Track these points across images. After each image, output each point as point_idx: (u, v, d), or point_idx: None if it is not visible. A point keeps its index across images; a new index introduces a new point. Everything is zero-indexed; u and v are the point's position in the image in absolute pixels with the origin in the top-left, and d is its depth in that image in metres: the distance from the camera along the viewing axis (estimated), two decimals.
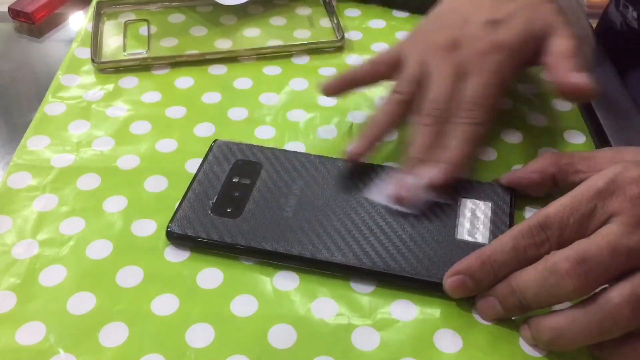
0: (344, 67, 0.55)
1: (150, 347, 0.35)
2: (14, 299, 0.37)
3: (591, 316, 0.32)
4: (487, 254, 0.35)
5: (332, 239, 0.39)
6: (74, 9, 0.63)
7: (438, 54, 0.44)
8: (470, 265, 0.36)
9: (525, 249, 0.34)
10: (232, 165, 0.44)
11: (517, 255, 0.34)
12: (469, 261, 0.36)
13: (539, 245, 0.34)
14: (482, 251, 0.36)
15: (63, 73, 0.53)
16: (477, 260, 0.35)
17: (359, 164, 0.43)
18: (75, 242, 0.40)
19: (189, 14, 0.61)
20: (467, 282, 0.36)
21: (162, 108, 0.50)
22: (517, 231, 0.35)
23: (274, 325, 0.36)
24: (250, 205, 0.41)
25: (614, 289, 0.31)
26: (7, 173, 0.45)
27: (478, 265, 0.35)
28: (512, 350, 0.35)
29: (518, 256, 0.34)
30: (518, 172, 0.42)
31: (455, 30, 0.45)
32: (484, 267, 0.35)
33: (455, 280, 0.36)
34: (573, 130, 0.48)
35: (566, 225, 0.33)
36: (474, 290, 0.36)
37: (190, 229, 0.39)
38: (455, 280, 0.36)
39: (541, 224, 0.34)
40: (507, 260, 0.35)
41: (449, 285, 0.36)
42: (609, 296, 0.31)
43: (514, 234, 0.35)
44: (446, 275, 0.36)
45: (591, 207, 0.33)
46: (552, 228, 0.34)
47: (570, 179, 0.40)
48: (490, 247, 0.36)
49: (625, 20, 0.60)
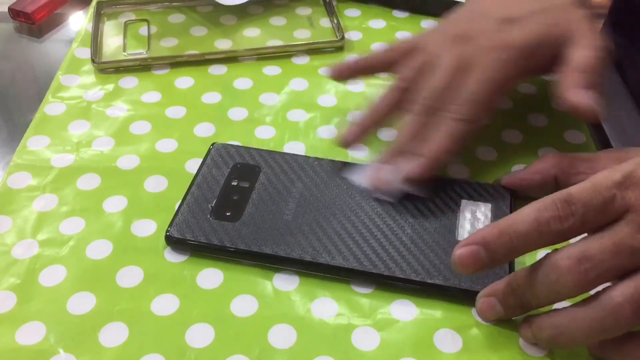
0: None
1: (150, 347, 0.35)
2: (14, 299, 0.37)
3: (592, 314, 0.31)
4: (506, 224, 0.32)
5: (332, 242, 0.39)
6: (74, 9, 0.63)
7: (446, 46, 0.43)
8: (486, 234, 0.33)
9: (549, 221, 0.32)
10: (231, 168, 0.44)
11: (539, 227, 0.32)
12: (484, 231, 0.33)
13: (564, 219, 0.31)
14: (499, 221, 0.33)
15: (63, 73, 0.53)
16: (493, 229, 0.33)
17: (359, 165, 0.43)
18: (75, 242, 0.40)
19: (189, 14, 0.61)
20: (480, 253, 0.32)
21: (162, 108, 0.50)
22: (540, 203, 0.32)
23: (274, 325, 0.36)
24: (250, 209, 0.41)
25: (616, 288, 0.31)
26: (7, 173, 0.45)
27: (495, 234, 0.32)
28: (512, 350, 0.35)
29: (540, 229, 0.32)
30: (519, 174, 0.42)
31: (469, 24, 0.44)
32: (502, 237, 0.32)
33: (467, 250, 0.33)
34: (573, 130, 0.48)
35: (590, 206, 0.31)
36: (487, 263, 0.33)
37: (189, 233, 0.39)
38: (466, 250, 0.33)
39: (566, 199, 0.32)
40: (527, 232, 0.32)
41: (458, 257, 0.33)
42: (610, 295, 0.31)
43: (536, 206, 0.32)
44: (456, 247, 0.33)
45: (612, 195, 0.31)
46: (577, 205, 0.31)
47: (572, 180, 0.39)
48: (509, 217, 0.33)
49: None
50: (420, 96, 0.42)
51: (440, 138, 0.40)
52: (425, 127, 0.41)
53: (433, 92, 0.42)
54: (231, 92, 0.52)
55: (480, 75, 0.42)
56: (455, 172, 0.45)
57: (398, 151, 0.41)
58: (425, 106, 0.41)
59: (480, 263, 0.33)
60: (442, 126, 0.41)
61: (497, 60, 0.42)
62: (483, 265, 0.33)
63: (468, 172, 0.45)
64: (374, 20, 0.60)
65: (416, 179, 0.40)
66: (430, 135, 0.41)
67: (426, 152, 0.40)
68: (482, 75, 0.42)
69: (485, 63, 0.42)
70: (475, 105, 0.41)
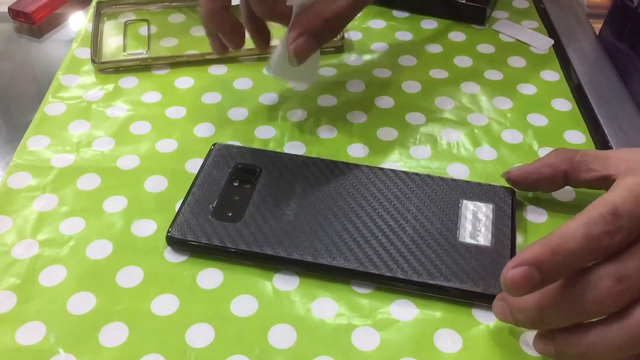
0: (344, 67, 0.55)
1: (150, 347, 0.35)
2: (14, 299, 0.37)
3: (626, 331, 0.30)
4: (557, 242, 0.30)
5: (333, 242, 0.39)
6: (74, 9, 0.63)
7: None
8: (538, 254, 0.30)
9: (600, 237, 0.30)
10: (232, 169, 0.44)
11: (590, 244, 0.30)
12: (535, 250, 0.31)
13: (613, 234, 0.30)
14: (548, 238, 0.31)
15: (63, 73, 0.53)
16: (545, 249, 0.30)
17: (359, 166, 0.43)
18: (75, 242, 0.40)
19: (189, 14, 0.61)
20: (533, 275, 0.30)
21: (162, 108, 0.50)
22: (588, 217, 0.31)
23: (274, 325, 0.36)
24: (251, 209, 0.41)
25: None
26: (7, 173, 0.45)
27: (548, 254, 0.30)
28: (512, 350, 0.35)
29: (591, 245, 0.30)
30: (527, 167, 0.41)
31: None
32: (555, 256, 0.30)
33: (519, 272, 0.30)
34: (573, 130, 0.48)
35: (636, 217, 0.30)
36: (538, 285, 0.31)
37: (190, 234, 0.39)
38: (519, 272, 0.30)
39: (614, 212, 0.30)
40: (580, 250, 0.30)
41: (511, 280, 0.31)
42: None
43: (584, 220, 0.31)
44: (506, 268, 0.31)
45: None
46: (625, 217, 0.30)
47: (582, 177, 0.39)
48: (558, 234, 0.31)
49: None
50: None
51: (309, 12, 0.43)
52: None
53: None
54: (231, 92, 0.52)
55: None
56: (456, 172, 0.45)
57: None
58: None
59: (533, 285, 0.31)
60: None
61: None
62: (535, 287, 0.31)
63: (468, 172, 0.45)
64: (373, 20, 0.60)
65: (302, 55, 0.43)
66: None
67: (302, 26, 0.43)
68: None
69: None
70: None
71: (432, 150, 0.47)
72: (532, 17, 0.61)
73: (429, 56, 0.56)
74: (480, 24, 0.59)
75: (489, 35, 0.58)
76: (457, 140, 0.48)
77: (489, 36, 0.58)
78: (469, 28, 0.59)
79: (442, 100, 0.51)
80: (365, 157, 0.46)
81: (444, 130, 0.48)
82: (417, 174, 0.43)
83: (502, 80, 0.53)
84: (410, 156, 0.46)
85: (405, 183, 0.43)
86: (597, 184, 0.38)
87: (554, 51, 0.56)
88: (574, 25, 0.61)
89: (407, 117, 0.50)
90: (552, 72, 0.54)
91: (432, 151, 0.47)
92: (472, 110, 0.50)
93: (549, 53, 0.56)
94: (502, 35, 0.58)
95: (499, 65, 0.55)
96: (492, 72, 0.54)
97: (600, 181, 0.38)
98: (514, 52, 0.56)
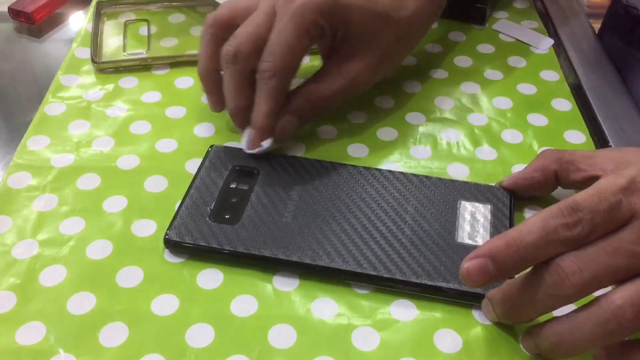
0: None
1: (150, 347, 0.35)
2: (14, 299, 0.37)
3: (594, 319, 0.31)
4: (512, 235, 0.32)
5: (332, 244, 0.39)
6: (74, 9, 0.63)
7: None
8: (493, 246, 0.32)
9: (557, 229, 0.31)
10: (230, 170, 0.43)
11: (547, 236, 0.31)
12: (491, 243, 0.32)
13: (571, 225, 0.31)
14: (505, 232, 0.32)
15: (63, 73, 0.53)
16: (500, 241, 0.32)
17: (356, 167, 0.43)
18: (75, 242, 0.40)
19: (189, 14, 0.61)
20: (488, 266, 0.32)
21: (162, 108, 0.50)
22: (546, 212, 0.32)
23: (274, 325, 0.36)
24: (249, 211, 0.41)
25: (617, 292, 0.31)
26: (7, 173, 0.45)
27: (502, 246, 0.32)
28: (512, 350, 0.35)
29: (548, 237, 0.31)
30: (519, 174, 0.42)
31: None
32: (509, 248, 0.32)
33: (474, 264, 0.32)
34: (573, 130, 0.48)
35: (597, 212, 0.31)
36: (495, 276, 0.32)
37: (188, 236, 0.39)
38: (474, 264, 0.32)
39: (572, 206, 0.31)
40: (535, 241, 0.31)
41: (466, 271, 0.32)
42: (611, 298, 0.31)
43: (542, 215, 0.32)
44: (464, 261, 0.33)
45: (618, 200, 0.31)
46: (584, 211, 0.31)
47: (572, 177, 0.39)
48: (516, 228, 0.32)
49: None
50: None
51: (258, 103, 0.43)
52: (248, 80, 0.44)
53: (237, 39, 0.43)
54: None
55: (279, 23, 0.42)
56: (456, 172, 0.45)
57: (236, 117, 0.45)
58: (232, 56, 0.43)
59: (488, 276, 0.32)
60: (258, 90, 0.43)
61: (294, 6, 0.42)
62: (491, 278, 0.32)
63: (468, 172, 0.45)
64: None
65: (260, 150, 0.44)
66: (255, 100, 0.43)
67: (253, 124, 0.44)
68: (280, 24, 0.42)
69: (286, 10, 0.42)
70: (279, 57, 0.42)
71: (432, 150, 0.47)
72: (532, 17, 0.61)
73: (429, 56, 0.56)
74: (480, 24, 0.59)
75: (489, 35, 0.58)
76: (457, 140, 0.48)
77: (489, 36, 0.58)
78: (469, 28, 0.59)
79: (442, 100, 0.51)
80: (365, 157, 0.46)
81: (444, 130, 0.48)
82: (415, 175, 0.43)
83: (502, 80, 0.53)
84: (410, 156, 0.46)
85: (403, 184, 0.43)
86: (587, 184, 0.38)
87: (554, 51, 0.56)
88: (574, 25, 0.61)
89: (407, 117, 0.50)
90: (552, 72, 0.54)
91: (432, 151, 0.47)
92: (472, 110, 0.50)
93: (549, 53, 0.56)
94: (502, 35, 0.58)
95: (499, 65, 0.55)
96: (492, 72, 0.54)
97: (589, 182, 0.37)
98: (514, 52, 0.56)
